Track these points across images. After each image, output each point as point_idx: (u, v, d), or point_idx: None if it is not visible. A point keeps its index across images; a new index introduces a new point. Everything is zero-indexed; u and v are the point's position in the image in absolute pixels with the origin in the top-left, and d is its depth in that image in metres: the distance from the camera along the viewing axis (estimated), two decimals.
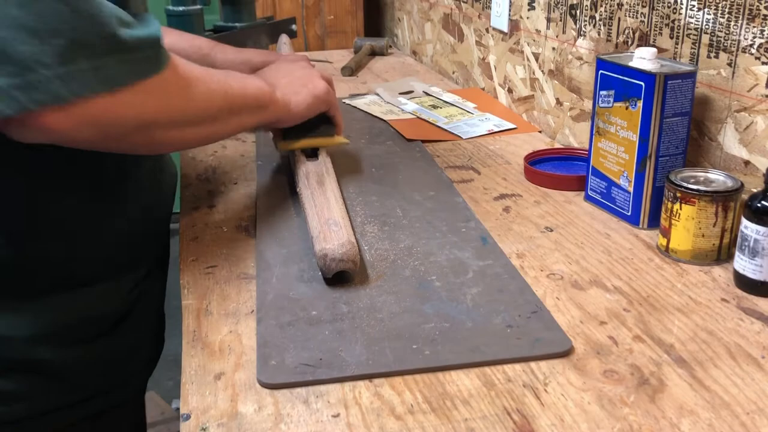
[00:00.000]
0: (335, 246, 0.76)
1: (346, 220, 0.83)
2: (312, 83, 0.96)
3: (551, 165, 1.14)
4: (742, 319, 0.73)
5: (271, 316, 0.73)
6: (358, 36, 2.18)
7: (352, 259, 0.76)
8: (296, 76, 0.96)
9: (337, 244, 0.76)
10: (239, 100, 0.82)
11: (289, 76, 0.96)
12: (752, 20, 0.84)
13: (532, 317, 0.72)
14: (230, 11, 1.74)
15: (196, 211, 0.99)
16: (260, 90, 0.87)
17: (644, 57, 0.90)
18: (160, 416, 1.99)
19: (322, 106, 0.98)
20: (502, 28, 1.47)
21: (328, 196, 0.88)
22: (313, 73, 0.98)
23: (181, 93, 0.72)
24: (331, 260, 0.75)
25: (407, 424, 0.59)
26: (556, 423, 0.59)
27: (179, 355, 0.68)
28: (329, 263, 0.76)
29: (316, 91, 0.96)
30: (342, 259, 0.75)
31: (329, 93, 0.98)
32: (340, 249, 0.75)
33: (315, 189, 0.90)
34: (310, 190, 0.90)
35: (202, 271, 0.83)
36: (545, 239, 0.90)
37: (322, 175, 0.94)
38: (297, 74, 0.97)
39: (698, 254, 0.83)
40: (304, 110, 0.94)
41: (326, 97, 0.97)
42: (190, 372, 0.66)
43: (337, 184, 0.94)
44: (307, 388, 0.63)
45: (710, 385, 0.63)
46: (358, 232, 0.91)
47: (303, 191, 0.92)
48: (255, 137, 1.28)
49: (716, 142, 0.92)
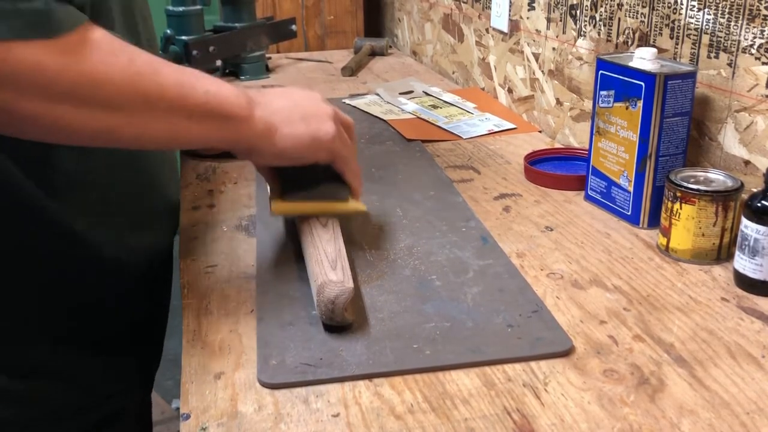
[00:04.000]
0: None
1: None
2: (317, 122, 0.75)
3: (551, 165, 1.14)
4: (742, 319, 0.73)
5: (271, 316, 0.73)
6: (358, 36, 2.18)
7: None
8: (300, 106, 0.76)
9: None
10: (170, 95, 0.64)
11: (290, 102, 0.76)
12: (752, 20, 0.84)
13: (532, 317, 0.72)
14: (230, 11, 1.74)
15: (196, 211, 0.99)
16: (226, 97, 0.68)
17: (644, 57, 0.90)
18: (160, 416, 1.99)
19: (322, 153, 0.76)
20: (502, 28, 1.47)
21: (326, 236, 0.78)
22: (324, 111, 0.76)
23: (69, 56, 0.57)
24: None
25: (407, 424, 0.59)
26: (556, 423, 0.59)
27: (179, 354, 0.68)
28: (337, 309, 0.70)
29: (318, 132, 0.75)
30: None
31: (336, 141, 0.76)
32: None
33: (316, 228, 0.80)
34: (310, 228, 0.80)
35: (202, 271, 0.83)
36: (545, 239, 0.90)
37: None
38: (302, 104, 0.76)
39: (698, 254, 0.83)
40: (293, 148, 0.74)
41: (330, 145, 0.76)
42: (190, 372, 0.66)
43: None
44: (307, 387, 0.63)
45: (710, 385, 0.63)
46: (359, 232, 0.91)
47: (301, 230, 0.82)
48: None
49: (716, 142, 0.92)
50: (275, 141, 0.72)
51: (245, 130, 0.70)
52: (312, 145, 0.75)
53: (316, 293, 0.69)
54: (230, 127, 0.69)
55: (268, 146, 0.73)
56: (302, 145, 0.74)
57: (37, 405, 0.77)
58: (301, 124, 0.74)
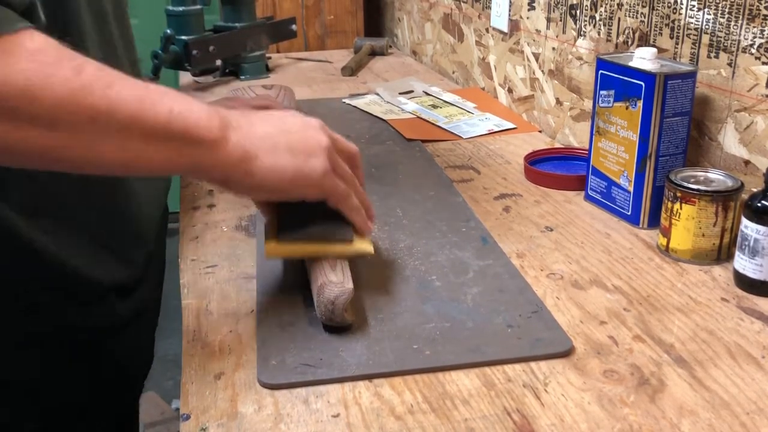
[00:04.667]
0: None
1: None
2: (306, 155, 0.66)
3: (551, 165, 1.14)
4: (742, 319, 0.73)
5: (271, 316, 0.73)
6: (358, 36, 2.18)
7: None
8: (288, 134, 0.66)
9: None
10: (123, 113, 0.56)
11: (278, 128, 0.66)
12: (752, 20, 0.84)
13: (532, 317, 0.72)
14: (230, 11, 1.74)
15: (196, 211, 0.99)
16: (192, 119, 0.59)
17: (644, 57, 0.90)
18: (160, 416, 1.99)
19: (309, 190, 0.67)
20: (502, 28, 1.47)
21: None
22: (316, 143, 0.67)
23: (8, 67, 0.51)
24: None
25: (407, 424, 0.59)
26: (556, 423, 0.59)
27: (179, 355, 0.68)
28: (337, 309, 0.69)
29: (305, 167, 0.66)
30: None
31: (327, 178, 0.67)
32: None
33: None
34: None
35: (202, 271, 0.83)
36: (545, 239, 0.90)
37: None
38: (292, 132, 0.67)
39: (698, 254, 0.83)
40: (274, 181, 0.65)
41: (319, 181, 0.67)
42: (190, 372, 0.66)
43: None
44: (307, 388, 0.63)
45: (710, 385, 0.63)
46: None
47: None
48: None
49: (716, 142, 0.92)
50: (253, 171, 0.63)
51: (216, 157, 0.61)
52: (296, 181, 0.66)
53: (316, 294, 0.69)
54: (197, 153, 0.60)
55: (244, 176, 0.64)
56: (285, 179, 0.65)
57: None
58: (285, 155, 0.65)
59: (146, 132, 0.57)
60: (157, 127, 0.57)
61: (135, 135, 0.57)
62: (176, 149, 0.59)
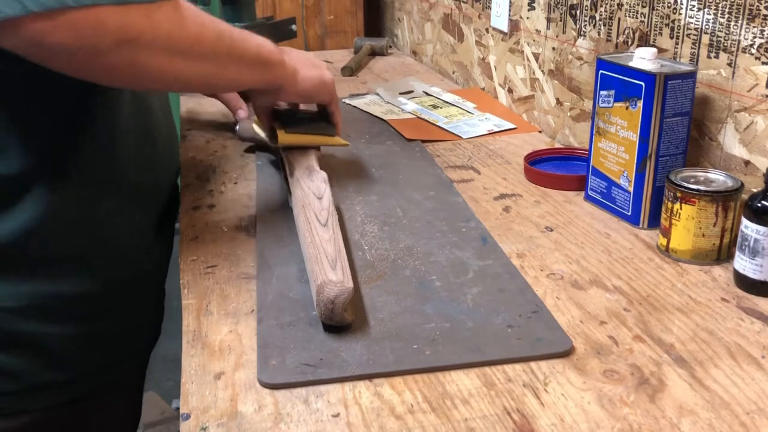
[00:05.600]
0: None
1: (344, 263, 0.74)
2: (321, 70, 0.95)
3: (551, 165, 1.14)
4: (742, 319, 0.73)
5: (271, 316, 0.73)
6: (358, 36, 2.18)
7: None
8: (308, 58, 0.96)
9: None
10: (240, 47, 0.80)
11: (299, 53, 0.95)
12: (752, 20, 0.84)
13: (532, 317, 0.72)
14: (230, 11, 1.74)
15: (196, 211, 0.99)
16: (267, 48, 0.85)
17: (644, 57, 0.90)
18: (160, 416, 1.99)
19: (327, 95, 0.97)
20: (502, 28, 1.47)
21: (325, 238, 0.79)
22: (320, 64, 0.97)
23: (173, 17, 0.69)
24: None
25: (407, 424, 0.59)
26: (556, 423, 0.59)
27: (179, 355, 0.68)
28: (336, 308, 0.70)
29: (324, 76, 0.95)
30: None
31: (334, 86, 0.97)
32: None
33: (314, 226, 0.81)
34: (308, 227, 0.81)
35: (202, 271, 0.83)
36: (545, 239, 0.90)
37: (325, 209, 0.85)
38: (309, 57, 0.96)
39: (698, 254, 0.83)
40: (311, 88, 0.93)
41: (331, 88, 0.96)
42: (190, 372, 0.66)
43: (336, 218, 0.84)
44: (307, 387, 0.63)
45: (710, 385, 0.63)
46: (359, 232, 0.91)
47: (300, 228, 0.84)
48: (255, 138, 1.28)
49: (716, 142, 0.92)
50: (298, 81, 0.91)
51: (281, 74, 0.88)
52: (321, 87, 0.94)
53: (316, 293, 0.69)
54: (272, 71, 0.87)
55: (293, 86, 0.91)
56: (315, 86, 0.93)
57: (13, 378, 0.77)
58: (313, 69, 0.93)
59: (250, 60, 0.83)
60: (253, 57, 0.83)
61: (244, 63, 0.82)
62: (261, 70, 0.85)
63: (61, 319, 0.79)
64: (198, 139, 1.30)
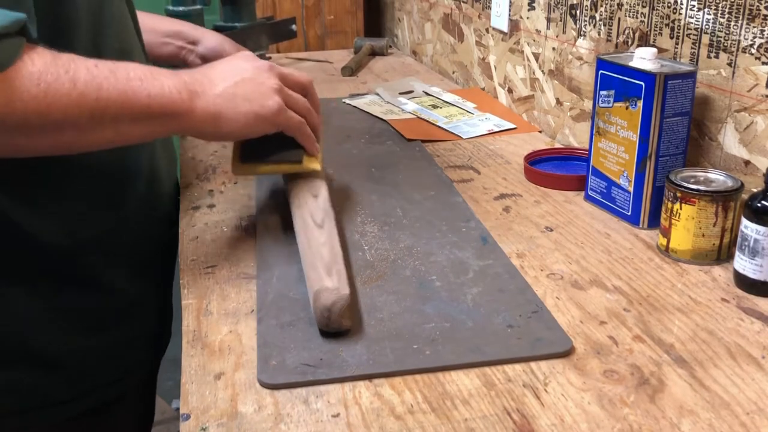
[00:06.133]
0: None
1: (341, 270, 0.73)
2: (261, 99, 0.78)
3: (551, 165, 1.14)
4: (742, 319, 0.73)
5: (271, 316, 0.73)
6: (358, 36, 2.18)
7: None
8: (243, 83, 0.78)
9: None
10: (113, 107, 0.68)
11: (233, 80, 0.78)
12: (752, 20, 0.84)
13: (532, 317, 0.72)
14: (230, 11, 1.74)
15: (196, 211, 0.99)
16: (167, 97, 0.72)
17: (644, 57, 0.90)
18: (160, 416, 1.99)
19: (268, 126, 0.80)
20: (502, 28, 1.47)
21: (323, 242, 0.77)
22: (267, 86, 0.79)
23: (7, 94, 0.61)
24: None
25: (407, 424, 0.59)
26: (556, 423, 0.59)
27: (179, 355, 0.68)
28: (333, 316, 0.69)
29: (262, 109, 0.78)
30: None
31: (281, 115, 0.80)
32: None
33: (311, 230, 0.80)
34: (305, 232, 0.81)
35: (202, 271, 0.83)
36: (545, 239, 0.90)
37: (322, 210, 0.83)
38: (246, 80, 0.79)
39: (698, 254, 0.83)
40: (238, 129, 0.78)
41: (275, 119, 0.80)
42: (190, 372, 0.66)
43: (333, 220, 0.83)
44: (307, 388, 0.63)
45: (710, 385, 0.63)
46: (358, 232, 0.91)
47: (298, 231, 0.83)
48: None
49: (716, 142, 0.92)
50: (221, 126, 0.77)
51: (190, 122, 0.74)
52: (257, 122, 0.79)
53: (312, 300, 0.69)
54: (174, 123, 0.74)
55: (215, 131, 0.77)
56: (247, 124, 0.78)
57: (27, 394, 0.78)
58: (244, 104, 0.77)
59: (133, 117, 0.70)
60: (141, 112, 0.70)
61: (125, 121, 0.70)
62: (157, 124, 0.73)
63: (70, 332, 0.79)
64: (198, 139, 1.30)
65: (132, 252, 0.85)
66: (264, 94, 0.79)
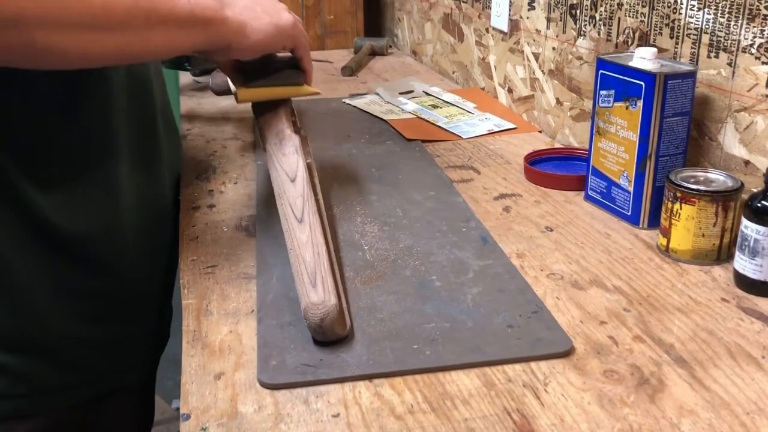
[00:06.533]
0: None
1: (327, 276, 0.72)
2: (277, 13, 0.85)
3: (551, 165, 1.14)
4: (742, 319, 0.73)
5: (271, 316, 0.73)
6: (358, 36, 2.18)
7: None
8: (259, 5, 0.85)
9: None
10: (164, 9, 0.72)
11: (250, 3, 0.84)
12: (752, 20, 0.84)
13: (532, 317, 0.72)
14: None
15: (196, 211, 0.99)
16: (203, 5, 0.76)
17: (644, 57, 0.90)
18: (160, 416, 1.99)
19: (287, 40, 0.87)
20: (502, 28, 1.47)
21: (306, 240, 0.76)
22: (280, 5, 0.87)
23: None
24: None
25: (407, 424, 0.59)
26: (556, 423, 0.59)
27: (179, 355, 0.68)
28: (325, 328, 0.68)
29: (280, 21, 0.85)
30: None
31: (296, 28, 0.88)
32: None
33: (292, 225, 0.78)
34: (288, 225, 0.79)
35: (202, 271, 0.83)
36: (545, 239, 0.90)
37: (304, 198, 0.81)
38: (261, 3, 0.85)
39: (698, 254, 0.83)
40: (263, 39, 0.83)
41: (292, 32, 0.87)
42: (190, 372, 0.66)
43: (318, 215, 0.80)
44: (307, 388, 0.63)
45: (710, 385, 0.63)
46: (358, 232, 0.91)
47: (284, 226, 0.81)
48: (254, 137, 1.28)
49: (716, 142, 0.92)
50: (248, 34, 0.82)
51: (224, 31, 0.79)
52: (278, 34, 0.85)
53: (303, 316, 0.67)
54: (211, 30, 0.78)
55: (243, 40, 0.82)
56: (270, 35, 0.84)
57: (26, 380, 0.77)
58: (265, 17, 0.84)
59: (179, 23, 0.74)
60: (185, 18, 0.74)
61: (172, 26, 0.74)
62: (196, 31, 0.76)
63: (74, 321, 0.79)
64: (198, 139, 1.30)
65: (137, 240, 0.85)
66: (280, 11, 0.86)
